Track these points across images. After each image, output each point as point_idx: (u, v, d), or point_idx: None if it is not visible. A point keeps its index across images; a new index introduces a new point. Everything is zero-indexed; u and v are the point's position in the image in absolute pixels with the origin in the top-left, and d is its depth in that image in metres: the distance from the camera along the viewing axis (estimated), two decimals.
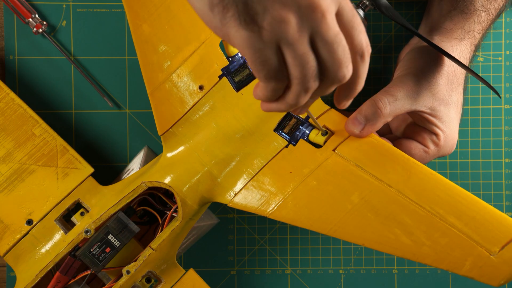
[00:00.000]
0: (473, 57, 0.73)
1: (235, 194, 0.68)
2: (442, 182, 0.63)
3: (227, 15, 0.48)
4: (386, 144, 0.66)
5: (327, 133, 0.67)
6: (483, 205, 0.62)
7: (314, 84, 0.51)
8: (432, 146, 0.69)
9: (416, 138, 0.70)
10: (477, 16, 0.71)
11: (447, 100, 0.69)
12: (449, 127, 0.69)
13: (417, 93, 0.67)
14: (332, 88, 0.53)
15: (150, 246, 0.67)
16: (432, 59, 0.69)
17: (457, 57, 0.69)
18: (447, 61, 0.69)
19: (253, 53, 0.49)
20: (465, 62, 0.71)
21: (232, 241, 0.79)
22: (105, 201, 0.69)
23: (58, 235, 0.69)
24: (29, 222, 0.69)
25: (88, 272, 0.68)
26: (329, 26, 0.49)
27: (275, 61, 0.50)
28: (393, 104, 0.66)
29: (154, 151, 0.78)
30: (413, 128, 0.71)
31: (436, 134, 0.69)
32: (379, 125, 0.67)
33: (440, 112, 0.68)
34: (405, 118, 0.72)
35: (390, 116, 0.67)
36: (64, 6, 0.78)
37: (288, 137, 0.68)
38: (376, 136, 0.67)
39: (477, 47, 0.73)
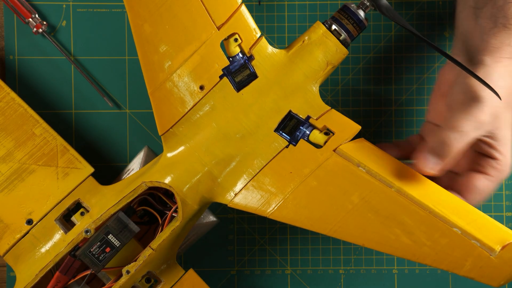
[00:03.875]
0: None
1: (235, 194, 0.68)
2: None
3: None
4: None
5: (328, 133, 0.67)
6: (481, 214, 0.63)
7: None
8: (493, 172, 0.67)
9: (476, 168, 0.68)
10: None
11: (506, 122, 0.67)
12: (506, 148, 0.67)
13: (482, 122, 0.65)
14: None
15: (150, 246, 0.67)
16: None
17: None
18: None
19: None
20: None
21: (232, 241, 0.79)
22: (105, 201, 0.69)
23: (58, 235, 0.69)
24: (29, 222, 0.69)
25: (88, 272, 0.68)
26: None
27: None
28: (461, 139, 0.65)
29: (154, 151, 0.77)
30: (472, 159, 0.69)
31: (495, 159, 0.67)
32: (450, 161, 0.66)
33: (499, 135, 0.66)
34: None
35: (461, 151, 0.66)
36: (64, 6, 0.78)
37: (288, 137, 0.68)
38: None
39: None
